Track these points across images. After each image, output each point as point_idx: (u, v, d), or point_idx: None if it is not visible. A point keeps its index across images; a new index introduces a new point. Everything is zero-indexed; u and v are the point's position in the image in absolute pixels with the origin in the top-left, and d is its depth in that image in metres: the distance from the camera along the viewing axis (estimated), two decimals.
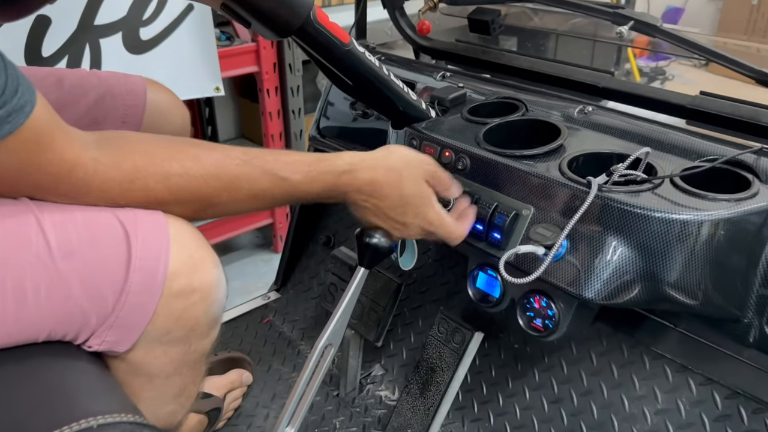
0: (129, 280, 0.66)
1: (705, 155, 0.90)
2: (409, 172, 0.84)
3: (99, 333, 0.68)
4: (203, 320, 0.73)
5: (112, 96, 1.07)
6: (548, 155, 0.92)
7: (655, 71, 4.66)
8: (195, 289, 0.70)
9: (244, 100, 2.99)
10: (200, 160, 0.74)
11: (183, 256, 0.70)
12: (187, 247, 0.70)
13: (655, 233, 0.79)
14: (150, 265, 0.67)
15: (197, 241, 0.72)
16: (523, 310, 0.92)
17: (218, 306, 0.74)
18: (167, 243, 0.68)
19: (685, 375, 1.00)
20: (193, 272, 0.70)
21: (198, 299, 0.71)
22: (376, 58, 1.31)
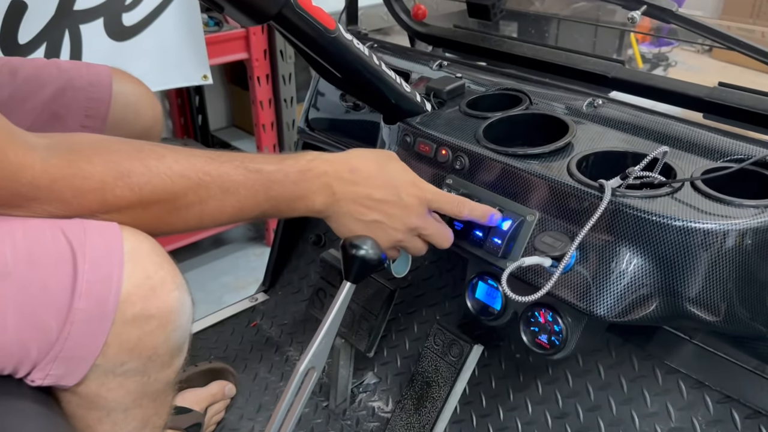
0: (74, 306, 0.58)
1: (728, 154, 0.81)
2: (387, 157, 0.80)
3: (42, 366, 0.59)
4: (163, 349, 0.64)
5: (73, 88, 0.98)
6: (555, 154, 0.84)
7: (658, 57, 4.56)
8: (152, 315, 0.62)
9: (235, 88, 2.90)
10: (165, 158, 0.67)
11: (139, 277, 0.61)
12: (144, 266, 0.62)
13: (675, 243, 0.71)
14: (99, 289, 0.58)
15: (157, 258, 0.63)
16: (527, 324, 0.84)
17: (180, 333, 0.66)
18: (120, 262, 0.60)
19: (702, 391, 0.92)
20: (151, 296, 0.61)
21: (156, 327, 0.62)
22: (366, 46, 1.22)
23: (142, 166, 0.64)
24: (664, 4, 1.01)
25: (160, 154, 0.67)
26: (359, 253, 0.72)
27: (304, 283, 1.44)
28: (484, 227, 0.83)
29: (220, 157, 0.71)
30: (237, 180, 0.70)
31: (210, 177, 0.68)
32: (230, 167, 0.70)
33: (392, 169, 0.79)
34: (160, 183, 0.65)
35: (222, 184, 0.69)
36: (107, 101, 1.00)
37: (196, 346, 1.35)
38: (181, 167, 0.67)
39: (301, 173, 0.75)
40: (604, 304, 0.74)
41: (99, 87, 1.00)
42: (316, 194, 0.76)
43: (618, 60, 1.07)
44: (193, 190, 0.68)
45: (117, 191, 0.63)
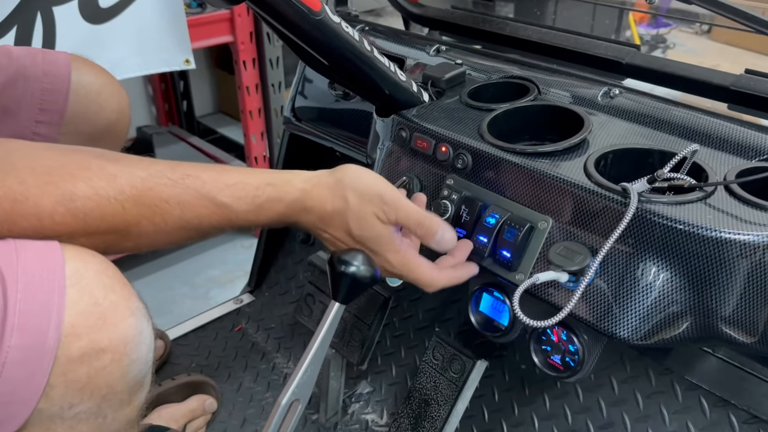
0: (6, 343, 0.48)
1: (764, 152, 0.72)
2: (357, 207, 0.68)
3: None
4: (120, 386, 0.55)
5: (25, 78, 0.88)
6: (570, 152, 0.74)
7: (656, 39, 4.45)
8: (104, 348, 0.52)
9: (221, 72, 2.79)
10: (117, 178, 0.57)
11: (85, 304, 0.51)
12: (91, 290, 0.52)
13: (709, 256, 0.62)
14: (36, 321, 0.49)
15: (106, 280, 0.54)
16: (538, 343, 0.76)
17: (140, 365, 0.56)
18: (61, 288, 0.50)
19: (726, 410, 0.84)
20: (101, 326, 0.52)
21: (109, 361, 0.53)
22: (357, 29, 1.12)
23: (89, 187, 0.55)
24: None
25: (111, 173, 0.57)
26: (349, 270, 0.62)
27: (293, 284, 1.35)
28: (490, 236, 0.73)
29: (184, 181, 0.61)
30: (200, 213, 0.62)
31: (169, 205, 0.59)
32: (194, 197, 0.61)
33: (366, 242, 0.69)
34: (109, 209, 0.56)
35: (182, 215, 0.61)
36: (65, 93, 0.90)
37: (176, 353, 1.26)
38: (136, 191, 0.57)
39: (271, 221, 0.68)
40: (628, 324, 0.65)
41: (55, 77, 0.90)
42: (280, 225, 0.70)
43: (633, 44, 0.98)
44: (148, 218, 0.58)
45: (57, 218, 0.53)
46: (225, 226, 0.64)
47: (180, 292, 2.05)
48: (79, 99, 0.92)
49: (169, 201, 0.59)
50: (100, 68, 1.00)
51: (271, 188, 0.66)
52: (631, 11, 3.33)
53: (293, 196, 0.67)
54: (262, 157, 2.28)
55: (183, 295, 2.04)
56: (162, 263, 2.20)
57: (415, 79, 0.94)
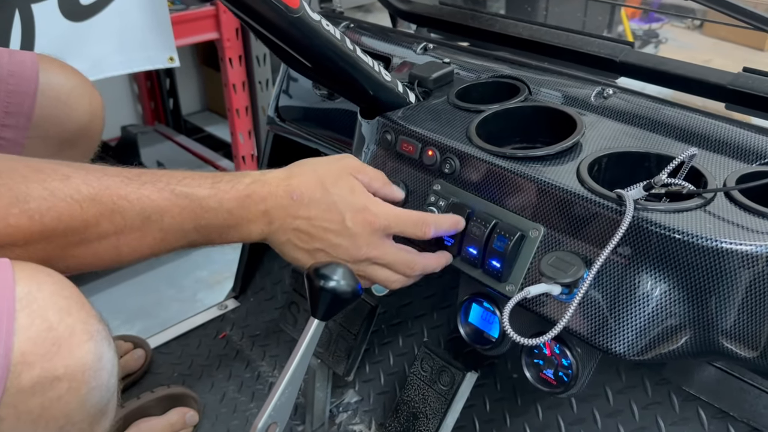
0: None
1: (765, 155, 0.69)
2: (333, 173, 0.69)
3: None
4: (79, 416, 0.51)
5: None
6: (562, 156, 0.71)
7: (648, 34, 4.43)
8: (59, 377, 0.48)
9: (208, 69, 2.74)
10: (71, 178, 0.54)
11: (37, 329, 0.47)
12: (45, 314, 0.48)
13: (708, 267, 0.59)
14: None
15: (62, 301, 0.50)
16: (529, 356, 0.72)
17: (101, 392, 0.52)
18: (10, 311, 0.46)
19: (725, 422, 0.81)
20: (56, 353, 0.48)
21: (66, 390, 0.49)
22: (341, 26, 1.08)
23: (43, 188, 0.52)
24: None
25: (65, 174, 0.54)
26: (329, 285, 0.58)
27: (278, 289, 1.31)
28: (479, 245, 0.70)
29: (140, 177, 0.59)
30: (161, 206, 0.58)
31: (127, 201, 0.56)
32: (152, 190, 0.59)
33: (339, 191, 0.68)
34: (66, 209, 0.53)
35: (142, 210, 0.57)
36: (32, 94, 0.85)
37: (158, 362, 1.22)
38: (92, 190, 0.54)
39: (238, 200, 0.64)
40: (624, 339, 0.62)
41: (22, 78, 0.85)
42: (252, 223, 0.66)
43: (627, 42, 0.94)
44: (107, 217, 0.55)
45: (11, 220, 0.50)
46: (187, 219, 0.61)
47: (167, 295, 2.01)
48: (48, 101, 0.88)
49: (128, 197, 0.57)
50: (71, 69, 0.96)
51: (229, 176, 0.66)
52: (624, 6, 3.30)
53: (252, 176, 0.67)
54: (249, 155, 2.23)
55: (170, 298, 2.00)
56: (148, 265, 2.16)
57: (401, 78, 0.90)
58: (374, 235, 0.68)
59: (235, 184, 0.65)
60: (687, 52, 4.11)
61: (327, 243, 0.67)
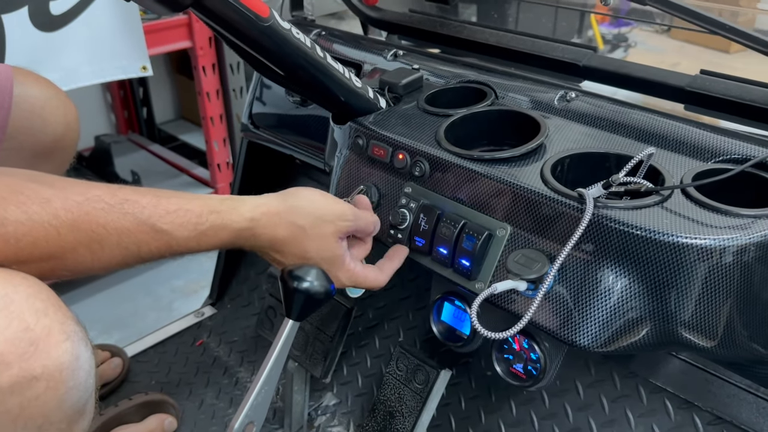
0: None
1: (719, 154, 0.72)
2: (318, 229, 0.70)
3: None
4: (57, 416, 0.52)
5: None
6: (526, 158, 0.73)
7: (618, 38, 4.51)
8: (36, 376, 0.49)
9: (182, 77, 2.73)
10: (50, 202, 0.54)
11: (13, 330, 0.48)
12: (21, 315, 0.49)
13: (665, 262, 0.61)
14: None
15: (38, 303, 0.51)
16: (500, 352, 0.75)
17: (79, 392, 0.53)
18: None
19: (690, 412, 0.84)
20: (32, 353, 0.49)
21: (44, 390, 0.50)
22: (313, 34, 1.10)
23: (21, 212, 0.52)
24: None
25: (45, 197, 0.54)
26: (302, 285, 0.60)
27: (255, 295, 1.32)
28: (449, 246, 0.72)
29: (122, 206, 0.59)
30: (139, 239, 0.60)
31: (105, 231, 0.57)
32: (132, 223, 0.59)
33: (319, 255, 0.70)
34: (43, 235, 0.53)
35: (120, 242, 0.59)
36: (6, 107, 0.86)
37: (135, 370, 1.22)
38: (71, 216, 0.55)
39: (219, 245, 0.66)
40: (588, 332, 0.64)
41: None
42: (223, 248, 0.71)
43: (590, 46, 0.97)
44: (85, 245, 0.56)
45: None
46: (165, 252, 0.62)
47: (142, 304, 2.00)
48: (23, 113, 0.88)
49: (107, 227, 0.57)
50: (45, 80, 0.96)
51: (216, 216, 0.65)
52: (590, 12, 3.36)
53: (240, 225, 0.66)
54: (225, 163, 2.24)
55: (146, 307, 1.99)
56: (123, 275, 2.15)
57: (372, 84, 0.92)
58: None
59: (218, 231, 0.65)
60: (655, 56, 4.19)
61: None
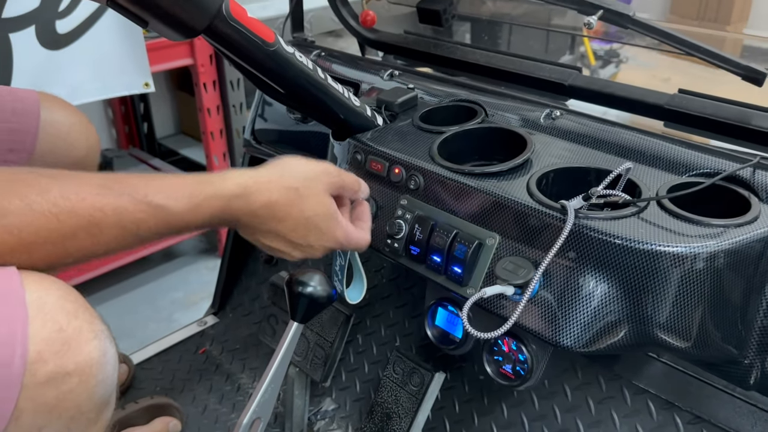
0: None
1: (694, 168, 0.77)
2: (309, 188, 0.73)
3: None
4: (87, 406, 0.57)
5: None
6: (514, 172, 0.79)
7: (610, 54, 4.60)
8: (70, 372, 0.54)
9: (182, 93, 2.79)
10: (49, 192, 0.58)
11: (49, 331, 0.53)
12: (55, 317, 0.54)
13: (642, 268, 0.66)
14: (1, 351, 0.51)
15: (69, 305, 0.56)
16: (490, 354, 0.79)
17: (105, 386, 0.58)
18: (24, 317, 0.52)
19: (672, 412, 0.89)
20: (66, 351, 0.54)
21: (76, 383, 0.55)
22: (313, 54, 1.15)
23: (21, 203, 0.56)
24: (621, 9, 0.97)
25: (44, 187, 0.58)
26: (306, 290, 0.65)
27: (256, 305, 1.36)
28: (443, 254, 0.77)
29: (118, 185, 0.62)
30: (137, 217, 0.62)
31: (103, 213, 0.60)
32: (129, 202, 0.62)
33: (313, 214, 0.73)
34: (44, 223, 0.57)
35: (119, 222, 0.61)
36: (34, 132, 0.91)
37: (140, 377, 1.26)
38: (70, 203, 0.58)
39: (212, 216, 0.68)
40: (571, 333, 0.69)
41: (24, 116, 0.91)
42: (223, 225, 0.71)
43: (575, 67, 1.03)
44: (85, 229, 0.59)
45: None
46: (163, 229, 0.64)
47: (143, 315, 2.04)
48: (49, 137, 0.93)
49: (104, 209, 0.60)
50: (71, 106, 1.01)
51: (208, 185, 0.67)
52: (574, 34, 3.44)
53: (232, 191, 0.68)
54: None
55: (146, 318, 2.03)
56: (124, 287, 2.19)
57: (369, 103, 0.97)
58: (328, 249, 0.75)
59: (212, 200, 0.67)
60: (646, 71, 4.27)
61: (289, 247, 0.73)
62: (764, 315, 0.71)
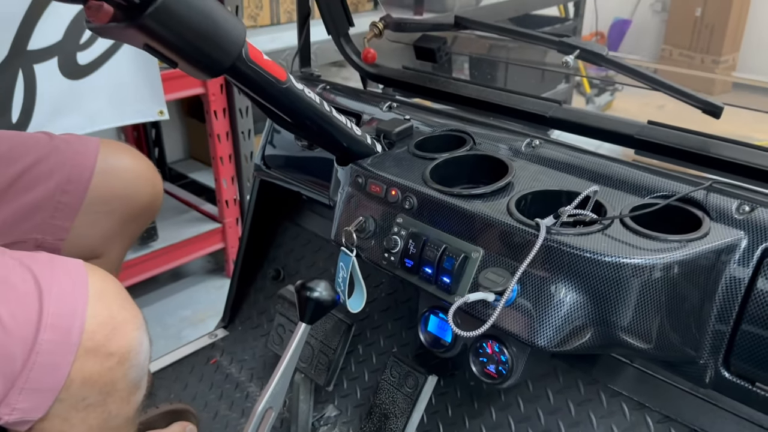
0: (40, 337, 0.61)
1: (654, 191, 0.88)
2: None
3: (8, 400, 0.62)
4: (122, 385, 0.67)
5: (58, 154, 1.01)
6: (496, 194, 0.89)
7: (605, 81, 4.74)
8: (112, 352, 0.65)
9: (192, 120, 2.91)
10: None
11: (103, 315, 0.64)
12: (109, 305, 0.65)
13: (606, 278, 0.76)
14: (64, 323, 0.62)
15: (121, 300, 0.67)
16: (476, 355, 0.89)
17: (138, 370, 0.69)
18: (84, 299, 0.63)
19: (643, 412, 0.98)
20: (113, 334, 0.65)
21: (115, 363, 0.66)
22: (319, 87, 1.27)
23: None
24: (596, 49, 1.08)
25: None
26: (313, 295, 0.75)
27: (264, 318, 1.46)
28: (433, 265, 0.87)
29: None
30: None
31: None
32: None
33: None
34: None
35: None
36: (90, 168, 1.02)
37: (156, 385, 1.35)
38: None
39: None
40: (545, 335, 0.79)
41: (84, 155, 1.03)
42: None
43: (555, 100, 1.14)
44: None
45: None
46: None
47: (153, 332, 2.09)
48: (118, 182, 1.05)
49: None
50: (139, 154, 1.13)
51: None
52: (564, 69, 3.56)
53: None
54: (232, 200, 2.39)
55: (156, 335, 2.10)
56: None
57: (369, 132, 1.08)
58: None
59: None
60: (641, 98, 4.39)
61: None
62: (716, 320, 0.80)
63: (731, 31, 4.80)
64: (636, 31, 5.42)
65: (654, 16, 5.42)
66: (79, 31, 1.89)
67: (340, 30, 1.33)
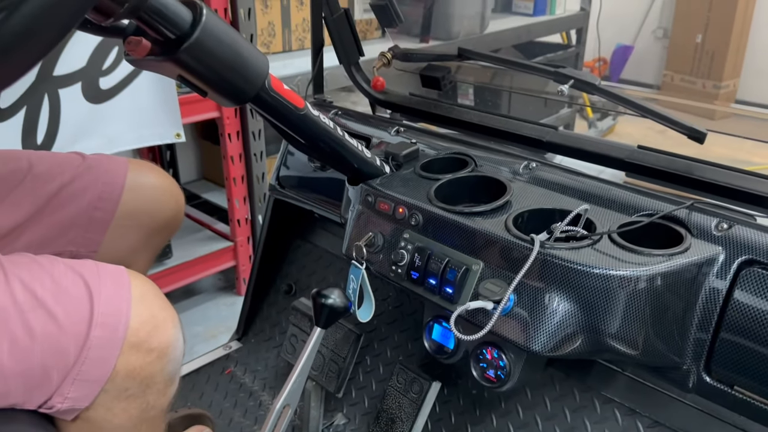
0: (92, 334, 0.69)
1: (641, 210, 0.95)
2: None
3: (62, 390, 0.70)
4: (159, 378, 0.76)
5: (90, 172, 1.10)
6: (495, 212, 0.97)
7: (597, 108, 4.82)
8: (153, 348, 0.73)
9: (205, 143, 3.01)
10: None
11: (145, 315, 0.73)
12: (150, 307, 0.74)
13: (595, 288, 0.84)
14: (112, 321, 0.70)
15: (160, 302, 0.76)
16: (476, 361, 0.96)
17: (174, 365, 0.77)
18: (128, 301, 0.72)
19: (634, 418, 1.04)
20: (154, 331, 0.73)
21: (155, 358, 0.74)
22: (331, 113, 1.36)
23: None
24: (589, 79, 1.16)
25: None
26: (327, 301, 0.83)
27: (276, 331, 1.53)
28: (437, 277, 0.94)
29: None
30: None
31: None
32: None
33: None
34: None
35: None
36: (120, 186, 1.11)
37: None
38: None
39: None
40: (539, 340, 0.86)
41: (114, 173, 1.12)
42: None
43: (552, 126, 1.22)
44: None
45: None
46: None
47: None
48: (143, 198, 1.14)
49: None
50: (163, 173, 1.23)
51: None
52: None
53: None
54: (244, 219, 2.47)
55: None
56: None
57: (378, 154, 1.17)
58: None
59: None
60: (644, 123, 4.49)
61: None
62: (697, 328, 0.87)
63: (731, 57, 4.90)
64: (638, 57, 5.53)
65: (656, 42, 5.54)
66: (102, 58, 1.99)
67: (351, 59, 1.42)
